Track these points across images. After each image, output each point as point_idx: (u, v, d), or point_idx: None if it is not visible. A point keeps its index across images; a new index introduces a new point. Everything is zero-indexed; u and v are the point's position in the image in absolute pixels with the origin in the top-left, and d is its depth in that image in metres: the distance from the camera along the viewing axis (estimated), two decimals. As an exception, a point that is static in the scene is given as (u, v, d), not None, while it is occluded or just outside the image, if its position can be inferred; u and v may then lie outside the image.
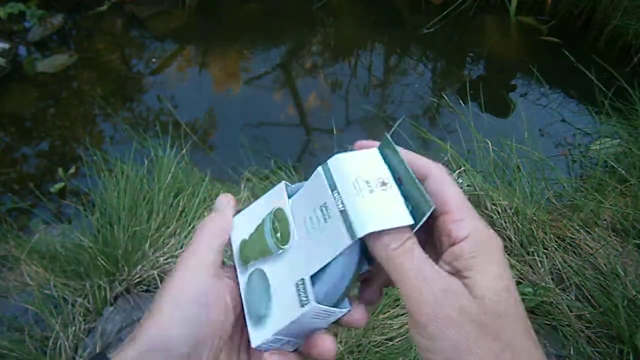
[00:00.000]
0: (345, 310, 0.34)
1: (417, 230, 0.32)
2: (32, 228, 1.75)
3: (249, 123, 2.25)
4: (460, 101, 1.98)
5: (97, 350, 1.15)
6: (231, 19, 2.87)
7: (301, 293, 0.33)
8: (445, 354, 0.28)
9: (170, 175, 1.53)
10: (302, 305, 0.33)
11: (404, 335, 1.16)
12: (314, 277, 0.33)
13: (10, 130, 2.30)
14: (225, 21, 2.84)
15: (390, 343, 1.15)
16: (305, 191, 0.37)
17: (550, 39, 2.54)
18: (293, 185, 0.38)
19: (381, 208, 0.32)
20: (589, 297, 1.21)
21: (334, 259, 0.33)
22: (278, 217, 0.37)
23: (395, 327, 1.18)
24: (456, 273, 0.30)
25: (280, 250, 0.36)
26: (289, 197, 0.37)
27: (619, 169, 1.52)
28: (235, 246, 0.39)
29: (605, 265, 1.25)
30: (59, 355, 1.16)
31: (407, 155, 0.34)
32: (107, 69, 2.58)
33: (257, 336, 0.35)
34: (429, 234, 0.34)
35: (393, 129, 1.66)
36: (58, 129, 2.30)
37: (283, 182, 0.39)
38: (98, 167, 1.65)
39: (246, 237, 0.39)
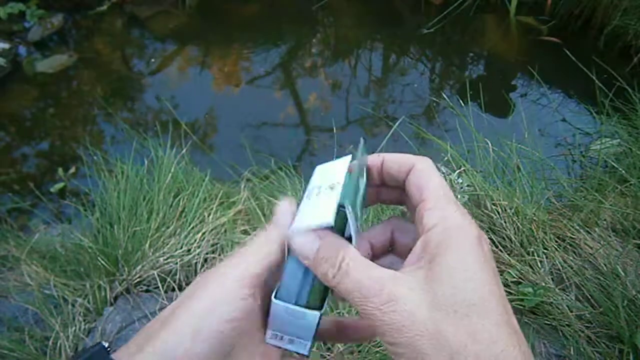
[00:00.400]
0: (316, 313, 0.34)
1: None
2: (32, 228, 1.75)
3: (249, 123, 2.25)
4: (460, 101, 1.98)
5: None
6: (231, 19, 2.87)
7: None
8: (405, 357, 0.28)
9: (170, 175, 1.53)
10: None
11: (404, 335, 1.16)
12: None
13: (10, 130, 2.30)
14: (225, 21, 2.84)
15: (390, 343, 1.15)
16: None
17: (550, 39, 2.54)
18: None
19: (311, 210, 0.33)
20: (589, 297, 1.21)
21: (285, 262, 0.34)
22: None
23: (395, 327, 1.18)
24: (424, 264, 0.30)
25: None
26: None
27: (619, 169, 1.52)
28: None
29: (605, 265, 1.25)
30: (59, 355, 1.16)
31: (388, 156, 0.35)
32: (107, 69, 2.59)
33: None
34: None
35: (393, 129, 1.66)
36: (58, 129, 2.30)
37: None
38: (98, 167, 1.65)
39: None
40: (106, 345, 0.32)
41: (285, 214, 0.35)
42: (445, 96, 2.14)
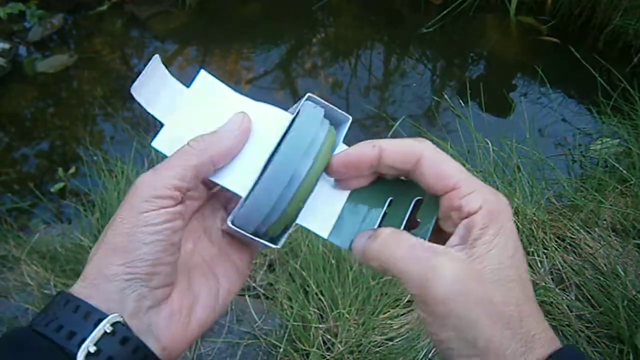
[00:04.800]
0: (273, 246, 0.34)
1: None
2: (32, 228, 1.75)
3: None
4: (460, 101, 1.98)
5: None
6: (231, 19, 2.87)
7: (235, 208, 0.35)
8: (456, 329, 0.29)
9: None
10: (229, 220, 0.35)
11: (404, 335, 1.16)
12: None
13: (10, 130, 2.30)
14: (225, 21, 2.84)
15: (390, 343, 1.15)
16: None
17: (550, 39, 2.54)
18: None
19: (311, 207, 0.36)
20: (589, 297, 1.21)
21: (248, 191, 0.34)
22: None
23: (395, 327, 1.18)
24: (469, 244, 0.30)
25: None
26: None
27: (619, 169, 1.52)
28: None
29: (605, 265, 1.25)
30: (59, 355, 1.16)
31: (388, 147, 0.34)
32: (107, 69, 2.59)
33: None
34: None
35: (393, 128, 1.66)
36: (58, 129, 2.30)
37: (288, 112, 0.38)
38: (98, 167, 1.65)
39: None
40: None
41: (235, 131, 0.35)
42: (445, 96, 2.14)
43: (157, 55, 0.36)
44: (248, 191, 0.34)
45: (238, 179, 0.34)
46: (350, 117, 0.37)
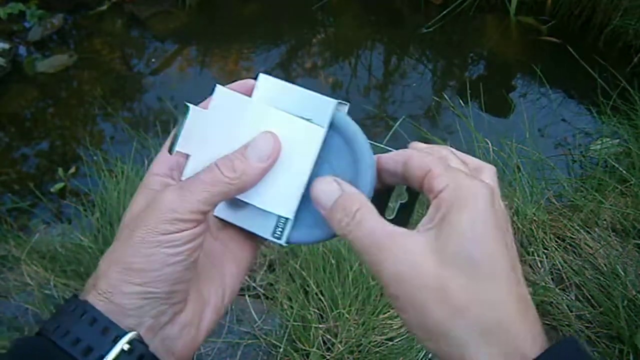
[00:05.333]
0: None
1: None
2: (32, 228, 1.75)
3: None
4: (461, 101, 1.98)
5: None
6: (231, 19, 2.87)
7: (279, 225, 0.35)
8: (409, 312, 0.28)
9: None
10: (272, 235, 0.35)
11: (404, 335, 1.16)
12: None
13: (10, 130, 2.30)
14: (226, 21, 2.84)
15: (390, 343, 1.15)
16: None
17: (550, 39, 2.54)
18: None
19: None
20: (589, 297, 1.21)
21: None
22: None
23: (395, 327, 1.18)
24: (435, 224, 0.29)
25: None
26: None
27: (619, 169, 1.52)
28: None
29: (605, 265, 1.25)
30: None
31: (381, 157, 0.34)
32: (107, 69, 2.59)
33: (221, 210, 0.36)
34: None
35: (393, 128, 1.66)
36: (58, 129, 2.30)
37: (336, 102, 0.35)
38: (98, 167, 1.65)
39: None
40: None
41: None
42: (445, 96, 2.14)
43: (192, 107, 0.35)
44: (294, 212, 0.34)
45: (278, 199, 0.34)
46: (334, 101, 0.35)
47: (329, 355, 1.11)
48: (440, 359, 0.28)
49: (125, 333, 0.29)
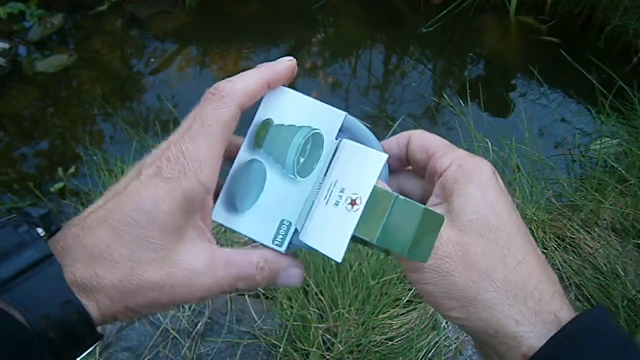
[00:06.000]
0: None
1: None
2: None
3: (249, 123, 2.25)
4: (460, 101, 1.98)
5: (98, 352, 1.15)
6: (231, 19, 2.87)
7: (281, 232, 0.34)
8: (432, 281, 0.28)
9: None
10: (272, 242, 0.34)
11: (404, 335, 1.16)
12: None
13: (10, 130, 2.30)
14: (225, 21, 2.84)
15: (390, 343, 1.15)
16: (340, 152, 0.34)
17: (550, 39, 2.54)
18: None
19: (322, 226, 0.31)
20: (589, 297, 1.21)
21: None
22: (314, 143, 0.34)
23: (395, 327, 1.18)
24: (444, 200, 0.30)
25: (292, 176, 0.34)
26: (340, 131, 0.34)
27: (619, 169, 1.52)
28: (259, 119, 0.35)
29: (605, 265, 1.25)
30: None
31: (384, 144, 0.35)
32: (107, 69, 2.59)
33: (221, 215, 0.34)
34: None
35: (393, 128, 1.66)
36: (58, 129, 2.30)
37: (346, 114, 0.34)
38: (98, 167, 1.65)
39: (275, 121, 0.35)
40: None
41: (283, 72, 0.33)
42: (445, 96, 2.14)
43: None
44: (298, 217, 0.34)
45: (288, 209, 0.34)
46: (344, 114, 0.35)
47: (329, 355, 1.11)
48: (468, 327, 0.28)
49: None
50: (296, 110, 0.34)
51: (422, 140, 0.33)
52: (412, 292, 1.24)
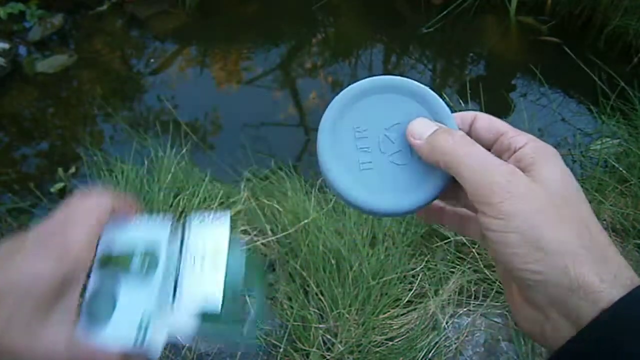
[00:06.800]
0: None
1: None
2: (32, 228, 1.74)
3: (249, 123, 2.25)
4: (460, 101, 1.98)
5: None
6: (231, 19, 2.87)
7: (141, 332, 0.34)
8: (521, 230, 0.29)
9: (170, 175, 1.53)
10: (135, 343, 0.34)
11: (404, 335, 1.16)
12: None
13: (10, 130, 2.30)
14: (225, 21, 2.84)
15: (390, 343, 1.15)
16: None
17: (550, 39, 2.54)
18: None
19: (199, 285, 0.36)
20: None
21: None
22: (149, 251, 0.38)
23: (395, 327, 1.18)
24: (527, 171, 0.32)
25: (142, 276, 0.36)
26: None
27: (619, 169, 1.52)
28: (106, 240, 0.37)
29: (605, 265, 1.25)
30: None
31: (457, 117, 0.37)
32: (107, 69, 2.59)
33: (85, 331, 0.35)
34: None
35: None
36: (58, 129, 2.30)
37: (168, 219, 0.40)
38: (98, 167, 1.65)
39: (114, 245, 0.38)
40: None
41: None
42: (445, 95, 2.14)
43: None
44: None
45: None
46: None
47: (329, 355, 1.11)
48: (546, 282, 0.29)
49: None
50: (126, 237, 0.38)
51: (490, 121, 0.36)
52: (412, 292, 1.24)
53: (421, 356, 1.12)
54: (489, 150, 0.34)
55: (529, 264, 0.28)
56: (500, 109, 2.25)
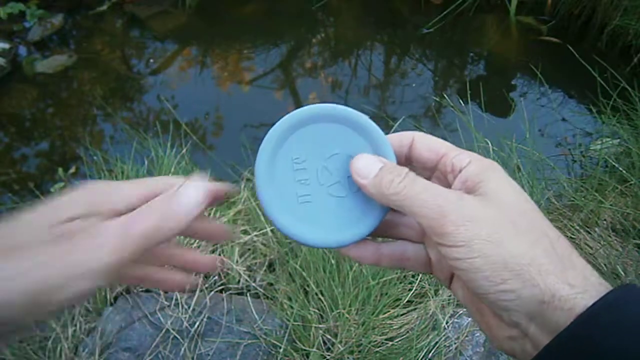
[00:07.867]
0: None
1: None
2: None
3: (249, 123, 2.25)
4: (461, 101, 1.98)
5: (98, 351, 1.15)
6: (231, 19, 2.87)
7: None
8: (483, 253, 0.29)
9: (170, 175, 1.53)
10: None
11: (404, 335, 1.16)
12: None
13: (10, 130, 2.30)
14: (225, 21, 2.84)
15: (390, 343, 1.15)
16: None
17: (550, 39, 2.54)
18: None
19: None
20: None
21: None
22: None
23: (395, 327, 1.18)
24: (470, 194, 0.31)
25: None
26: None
27: (619, 169, 1.52)
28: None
29: (606, 265, 1.25)
30: (59, 356, 1.16)
31: (391, 138, 0.37)
32: (107, 69, 2.59)
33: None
34: None
35: (393, 128, 1.66)
36: (58, 129, 2.30)
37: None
38: (98, 167, 1.65)
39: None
40: None
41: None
42: (445, 96, 2.14)
43: None
44: None
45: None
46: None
47: (329, 355, 1.11)
48: (519, 300, 0.28)
49: None
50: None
51: (429, 141, 0.35)
52: (412, 292, 1.24)
53: (421, 356, 1.12)
54: (433, 170, 0.35)
55: (500, 285, 0.28)
56: (500, 109, 2.25)
